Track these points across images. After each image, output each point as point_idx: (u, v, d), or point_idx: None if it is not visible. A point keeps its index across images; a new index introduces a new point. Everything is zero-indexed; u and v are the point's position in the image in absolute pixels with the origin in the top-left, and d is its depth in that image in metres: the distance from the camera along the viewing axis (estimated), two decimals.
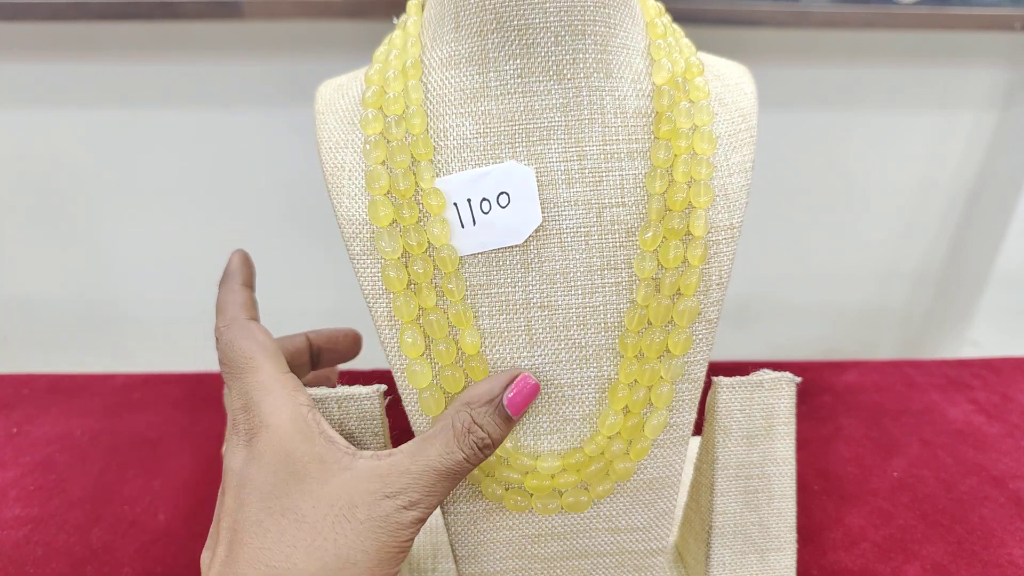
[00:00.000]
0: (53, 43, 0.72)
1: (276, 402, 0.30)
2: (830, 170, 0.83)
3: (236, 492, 0.29)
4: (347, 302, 0.86)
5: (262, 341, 0.32)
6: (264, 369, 0.31)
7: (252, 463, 0.29)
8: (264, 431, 0.29)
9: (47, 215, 0.81)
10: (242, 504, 0.29)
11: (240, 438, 0.30)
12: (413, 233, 0.31)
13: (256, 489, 0.29)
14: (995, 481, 0.53)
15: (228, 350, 0.32)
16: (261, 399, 0.30)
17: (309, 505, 0.28)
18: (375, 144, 0.31)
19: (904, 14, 0.70)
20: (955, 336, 0.93)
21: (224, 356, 0.32)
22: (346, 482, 0.28)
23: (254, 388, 0.30)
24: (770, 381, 0.36)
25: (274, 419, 0.29)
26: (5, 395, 0.63)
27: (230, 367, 0.31)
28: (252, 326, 0.33)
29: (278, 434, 0.29)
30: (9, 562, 0.46)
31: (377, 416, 0.34)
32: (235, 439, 0.30)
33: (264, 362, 0.31)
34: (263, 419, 0.29)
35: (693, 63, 0.33)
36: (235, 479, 0.29)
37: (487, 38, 0.31)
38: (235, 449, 0.30)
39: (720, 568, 0.38)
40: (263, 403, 0.30)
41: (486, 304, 0.32)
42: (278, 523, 0.28)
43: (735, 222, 0.32)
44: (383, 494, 0.28)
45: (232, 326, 0.33)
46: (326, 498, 0.28)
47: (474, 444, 0.29)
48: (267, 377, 0.31)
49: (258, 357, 0.31)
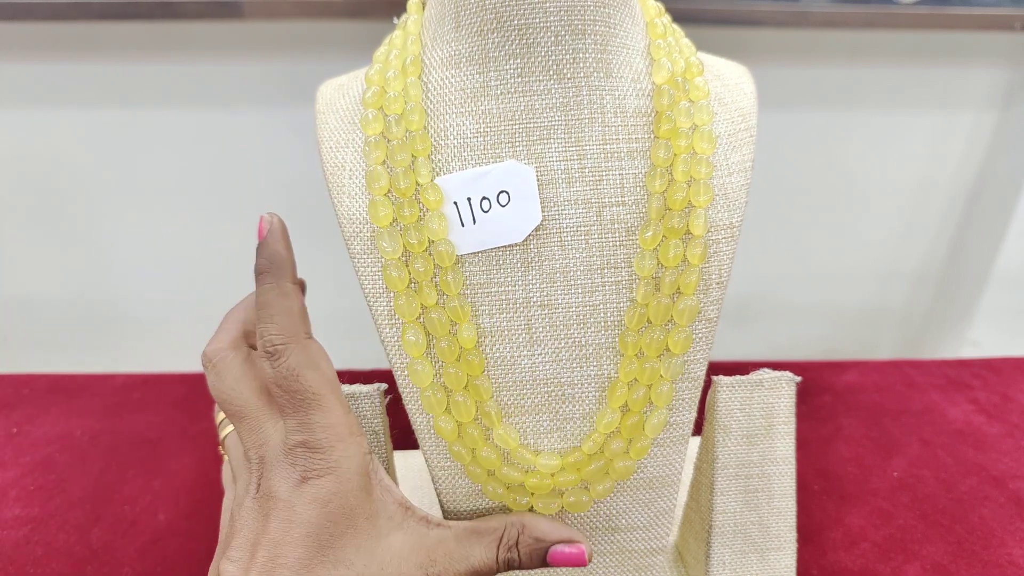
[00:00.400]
0: (53, 43, 0.72)
1: (346, 451, 0.29)
2: (830, 170, 0.83)
3: (286, 527, 0.28)
4: (347, 301, 0.86)
5: (328, 375, 0.30)
6: (334, 411, 0.29)
7: (313, 505, 0.28)
8: (330, 476, 0.29)
9: (47, 215, 0.81)
10: (291, 542, 0.28)
11: (295, 471, 0.29)
12: (413, 232, 0.31)
13: (312, 533, 0.28)
14: (995, 481, 0.53)
15: (292, 381, 0.29)
16: (331, 444, 0.29)
17: (362, 562, 0.29)
18: (375, 144, 0.31)
19: (904, 14, 0.70)
20: (955, 336, 0.93)
21: (284, 384, 0.29)
22: (397, 547, 0.29)
23: (321, 428, 0.29)
24: (770, 380, 0.36)
25: (342, 467, 0.29)
26: (5, 395, 0.63)
27: (291, 398, 0.29)
28: (315, 351, 0.30)
29: (344, 483, 0.29)
30: (9, 562, 0.46)
31: (377, 415, 0.34)
32: (290, 470, 0.29)
33: (333, 402, 0.29)
34: (330, 464, 0.29)
35: (693, 63, 0.33)
36: (286, 513, 0.28)
37: (487, 38, 0.31)
38: (287, 480, 0.29)
39: (720, 567, 0.38)
40: (333, 448, 0.29)
41: (486, 303, 0.32)
42: (329, 572, 0.28)
43: (735, 221, 0.32)
44: (426, 572, 0.30)
45: (295, 349, 0.29)
46: (378, 557, 0.29)
47: (506, 561, 0.31)
48: (336, 420, 0.29)
49: (327, 396, 0.29)
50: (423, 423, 0.33)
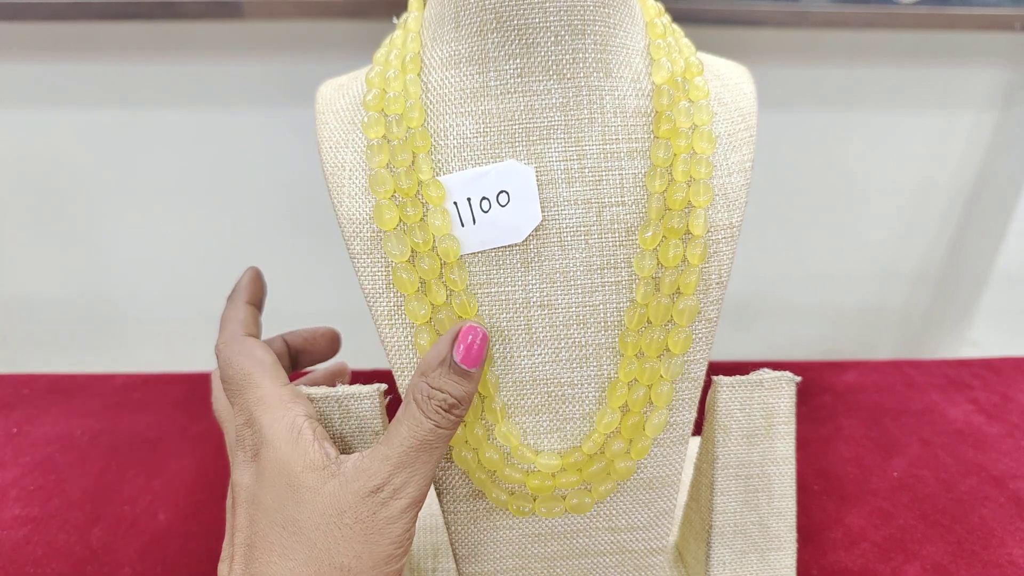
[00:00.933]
0: (53, 43, 0.72)
1: (274, 415, 0.30)
2: (830, 170, 0.83)
3: (247, 508, 0.30)
4: (347, 301, 0.86)
5: (259, 357, 0.33)
6: (263, 385, 0.31)
7: (259, 480, 0.30)
8: (264, 447, 0.30)
9: (47, 215, 0.81)
10: (252, 520, 0.29)
11: (246, 454, 0.30)
12: (418, 231, 0.31)
13: (262, 504, 0.29)
14: (995, 481, 0.53)
15: (227, 367, 0.32)
16: (260, 415, 0.30)
17: (305, 516, 0.28)
18: (378, 148, 0.31)
19: (904, 14, 0.70)
20: (955, 336, 0.93)
21: (224, 374, 0.32)
22: (335, 488, 0.29)
23: (254, 404, 0.31)
24: (770, 380, 0.36)
25: (271, 433, 0.30)
26: (5, 395, 0.63)
27: (230, 384, 0.32)
28: (249, 342, 0.34)
29: (276, 448, 0.29)
30: (9, 562, 0.46)
31: (377, 415, 0.34)
32: (241, 455, 0.31)
33: (263, 378, 0.32)
34: (263, 435, 0.30)
35: (693, 63, 0.33)
36: (245, 495, 0.30)
37: (487, 38, 0.31)
38: (242, 465, 0.30)
39: (720, 567, 0.38)
40: (262, 418, 0.30)
41: (486, 302, 0.32)
42: (280, 536, 0.28)
43: (734, 221, 0.32)
44: (367, 490, 0.28)
45: (231, 343, 0.33)
46: (319, 507, 0.28)
47: (438, 408, 0.29)
48: (266, 392, 0.31)
49: (256, 373, 0.32)
50: None
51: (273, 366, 0.33)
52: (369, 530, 0.28)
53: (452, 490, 0.34)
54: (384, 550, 0.28)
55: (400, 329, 0.32)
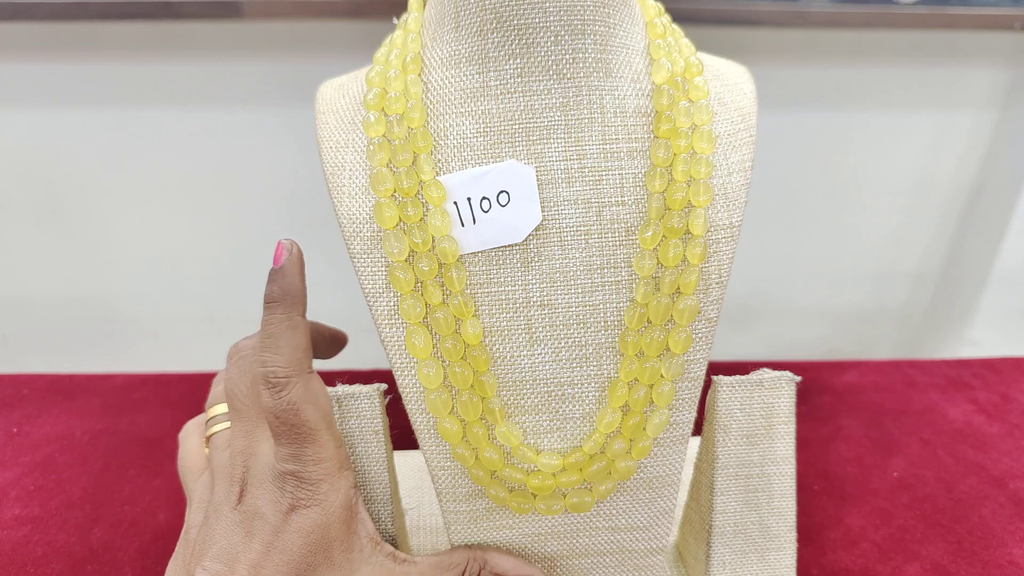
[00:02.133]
0: (53, 43, 0.72)
1: (334, 485, 0.30)
2: (830, 170, 0.83)
3: (268, 551, 0.29)
4: (347, 301, 0.86)
5: (325, 410, 0.31)
6: (327, 446, 0.30)
7: (298, 535, 0.29)
8: (316, 508, 0.29)
9: (47, 215, 0.81)
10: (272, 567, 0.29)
11: (284, 497, 0.29)
12: (417, 231, 0.31)
13: (292, 561, 0.29)
14: (995, 481, 0.53)
15: (291, 415, 0.29)
16: (320, 478, 0.30)
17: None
18: (379, 147, 0.31)
19: (904, 14, 0.70)
20: (955, 336, 0.93)
21: (283, 416, 0.29)
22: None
23: (313, 463, 0.30)
24: (770, 380, 0.36)
25: (329, 501, 0.30)
26: (5, 395, 0.63)
27: (287, 430, 0.29)
28: (315, 386, 0.31)
29: (328, 516, 0.29)
30: (9, 562, 0.46)
31: (377, 415, 0.34)
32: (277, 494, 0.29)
33: (327, 438, 0.30)
34: (318, 498, 0.30)
35: (692, 63, 0.33)
36: (271, 536, 0.29)
37: (487, 38, 0.31)
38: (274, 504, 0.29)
39: (720, 567, 0.38)
40: (322, 482, 0.30)
41: (486, 302, 0.32)
42: None
43: (734, 221, 0.32)
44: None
45: (298, 383, 0.30)
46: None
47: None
48: (328, 454, 0.30)
49: (323, 432, 0.30)
50: (424, 423, 0.33)
51: (333, 422, 0.31)
52: None
53: (452, 490, 0.34)
54: None
55: (400, 329, 0.32)
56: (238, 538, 0.29)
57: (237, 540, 0.29)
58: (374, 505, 0.35)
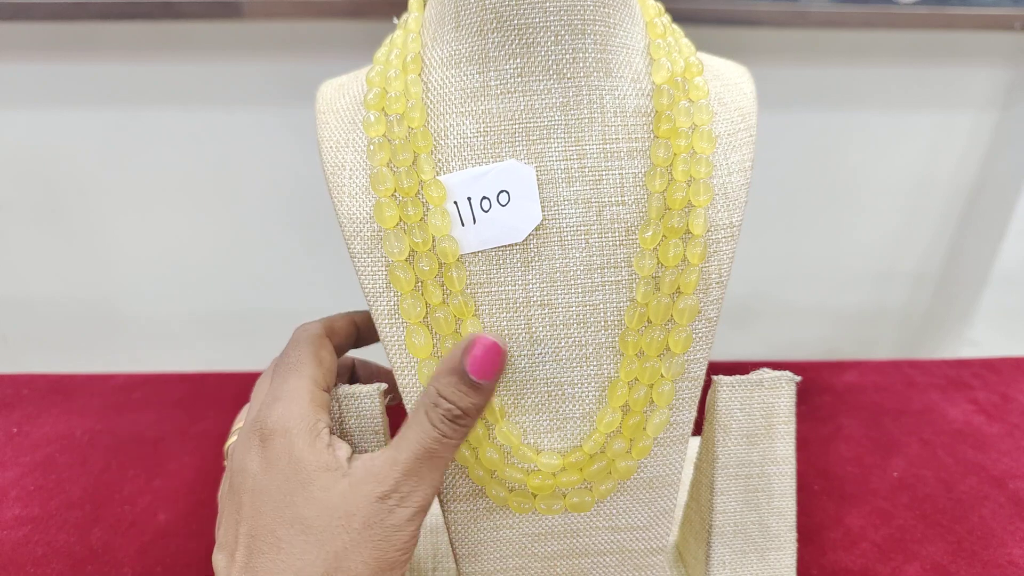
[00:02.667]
0: (53, 43, 0.72)
1: (302, 411, 0.30)
2: (830, 170, 0.83)
3: (253, 498, 0.29)
4: (347, 301, 0.86)
5: (322, 357, 0.33)
6: (306, 377, 0.31)
7: (268, 470, 0.29)
8: (279, 436, 0.29)
9: (47, 215, 0.81)
10: (259, 511, 0.29)
11: (255, 437, 0.30)
12: (418, 231, 0.31)
13: (270, 497, 0.29)
14: (995, 481, 0.53)
15: (291, 347, 0.33)
16: (289, 404, 0.30)
17: (314, 514, 0.28)
18: (379, 146, 0.31)
19: (904, 14, 0.70)
20: (955, 336, 0.93)
21: (285, 350, 0.33)
22: (345, 489, 0.28)
23: (289, 392, 0.31)
24: (770, 380, 0.36)
25: (292, 426, 0.29)
26: (5, 395, 0.63)
27: (283, 362, 0.32)
28: (324, 340, 0.34)
29: (292, 442, 0.29)
30: (9, 562, 0.46)
31: (377, 415, 0.34)
32: (252, 438, 0.30)
33: (311, 373, 0.32)
34: (282, 423, 0.29)
35: (692, 63, 0.33)
36: (251, 483, 0.29)
37: (487, 37, 0.31)
38: (250, 450, 0.30)
39: (720, 567, 0.38)
40: (289, 408, 0.30)
41: (486, 302, 0.32)
42: (288, 533, 0.28)
43: (734, 221, 0.32)
44: (376, 496, 0.28)
45: (310, 330, 0.34)
46: (328, 506, 0.28)
47: (443, 416, 0.29)
48: (304, 387, 0.31)
49: (308, 366, 0.32)
50: None
51: (327, 372, 0.33)
52: (377, 535, 0.28)
53: (452, 489, 0.34)
54: (390, 556, 0.28)
55: (400, 328, 0.32)
56: (232, 502, 0.30)
57: (231, 504, 0.30)
58: None
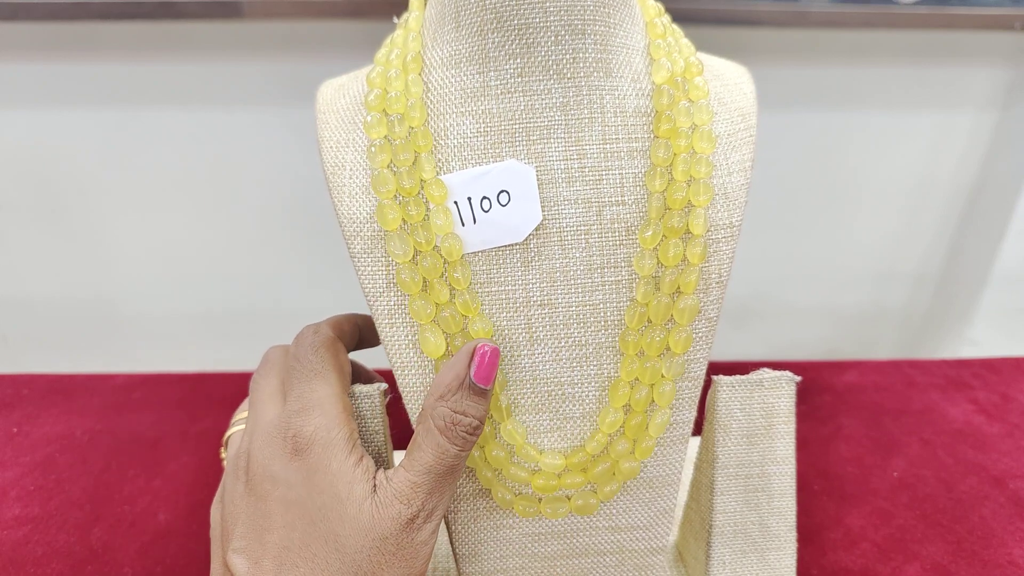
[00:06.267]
0: (53, 43, 0.72)
1: (337, 423, 0.30)
2: (830, 170, 0.83)
3: (286, 508, 0.29)
4: (347, 301, 0.86)
5: (341, 361, 0.33)
6: (335, 384, 0.31)
7: (306, 482, 0.29)
8: (317, 448, 0.29)
9: (47, 215, 0.81)
10: (292, 524, 0.29)
11: (287, 445, 0.30)
12: (421, 231, 0.31)
13: (306, 511, 0.29)
14: (995, 481, 0.53)
15: (311, 351, 0.32)
16: (324, 414, 0.30)
17: (348, 532, 0.28)
18: (380, 148, 0.31)
19: (904, 14, 0.70)
20: (955, 336, 0.93)
21: (302, 353, 0.32)
22: (375, 509, 0.29)
23: (319, 400, 0.30)
24: (770, 380, 0.36)
25: (330, 437, 0.29)
26: (5, 395, 0.63)
27: (303, 367, 0.32)
28: (340, 345, 0.34)
29: (329, 453, 0.29)
30: (9, 562, 0.46)
31: (378, 415, 0.34)
32: (283, 445, 0.30)
33: (336, 380, 0.32)
34: (321, 435, 0.29)
35: (692, 63, 0.33)
36: (284, 492, 0.29)
37: (487, 37, 0.31)
38: (280, 458, 0.29)
39: (720, 567, 0.38)
40: (325, 419, 0.30)
41: (487, 302, 0.32)
42: (323, 549, 0.28)
43: (734, 221, 0.32)
44: (406, 519, 0.29)
45: (323, 332, 0.33)
46: (361, 527, 0.28)
47: (462, 433, 0.30)
48: (335, 393, 0.31)
49: (333, 373, 0.32)
50: None
51: (347, 378, 0.33)
52: (407, 554, 0.29)
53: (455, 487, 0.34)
54: (416, 568, 0.29)
55: (400, 328, 0.32)
56: (256, 508, 0.29)
57: (256, 510, 0.29)
58: None
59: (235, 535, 0.30)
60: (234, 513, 0.30)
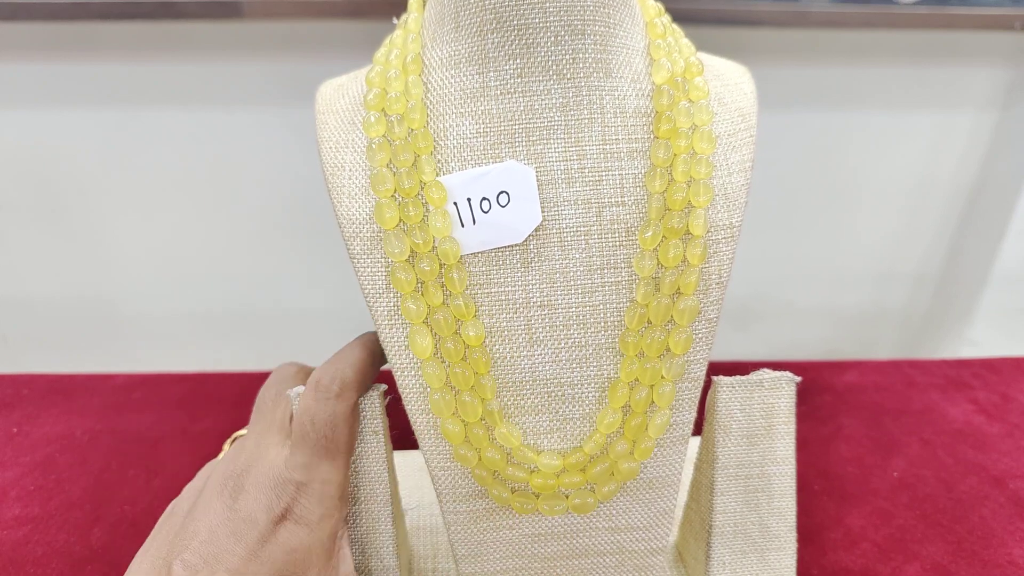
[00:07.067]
0: (53, 43, 0.72)
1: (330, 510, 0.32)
2: (830, 170, 0.83)
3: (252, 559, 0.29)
4: (347, 301, 0.86)
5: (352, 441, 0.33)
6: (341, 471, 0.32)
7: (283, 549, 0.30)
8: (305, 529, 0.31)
9: (47, 215, 0.81)
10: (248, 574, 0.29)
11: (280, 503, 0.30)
12: (419, 232, 0.31)
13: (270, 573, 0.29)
14: (995, 481, 0.53)
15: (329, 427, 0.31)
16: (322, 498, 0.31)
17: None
18: (379, 147, 0.31)
19: (904, 14, 0.70)
20: (955, 336, 0.93)
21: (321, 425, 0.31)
22: None
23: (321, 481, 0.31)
24: (770, 380, 0.36)
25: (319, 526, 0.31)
26: (5, 395, 0.63)
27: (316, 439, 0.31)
28: (356, 415, 0.34)
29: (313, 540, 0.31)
30: (9, 562, 0.46)
31: (377, 415, 0.34)
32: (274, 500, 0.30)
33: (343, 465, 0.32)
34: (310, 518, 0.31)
35: (693, 63, 0.33)
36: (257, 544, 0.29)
37: (487, 38, 0.31)
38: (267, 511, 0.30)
39: (720, 568, 0.38)
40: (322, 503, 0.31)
41: (486, 303, 0.32)
42: None
43: (735, 221, 0.32)
44: None
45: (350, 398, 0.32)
46: None
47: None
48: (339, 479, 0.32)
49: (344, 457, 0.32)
50: (424, 424, 0.33)
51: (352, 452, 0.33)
52: None
53: (452, 490, 0.34)
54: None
55: (400, 329, 0.32)
56: (223, 537, 0.29)
57: (222, 539, 0.29)
58: (374, 505, 0.35)
59: (190, 547, 0.29)
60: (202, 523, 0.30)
